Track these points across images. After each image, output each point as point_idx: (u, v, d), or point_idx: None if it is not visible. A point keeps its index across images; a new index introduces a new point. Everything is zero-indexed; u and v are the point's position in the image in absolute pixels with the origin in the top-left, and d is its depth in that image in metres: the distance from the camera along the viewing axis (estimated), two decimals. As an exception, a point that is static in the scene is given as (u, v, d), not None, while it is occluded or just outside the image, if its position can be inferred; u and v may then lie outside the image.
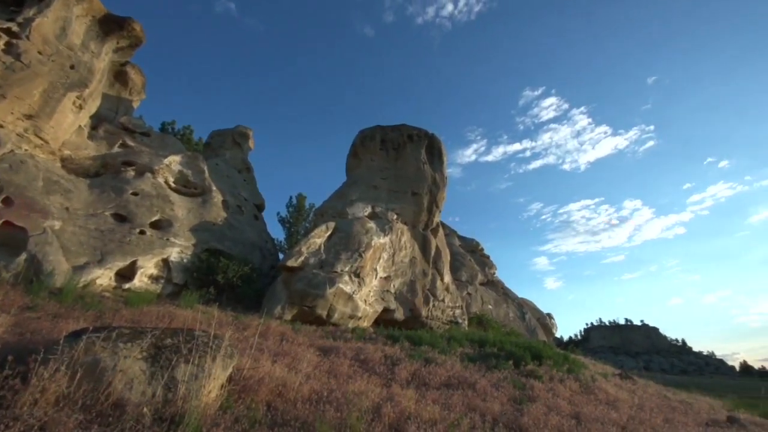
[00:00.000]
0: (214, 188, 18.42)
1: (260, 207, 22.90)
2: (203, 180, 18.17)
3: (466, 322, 21.01)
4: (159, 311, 9.42)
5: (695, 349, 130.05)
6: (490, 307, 28.61)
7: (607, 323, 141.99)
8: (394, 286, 17.53)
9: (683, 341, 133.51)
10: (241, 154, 24.57)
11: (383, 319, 16.81)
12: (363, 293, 15.49)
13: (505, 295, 32.64)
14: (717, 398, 14.81)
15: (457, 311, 20.31)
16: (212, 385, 4.57)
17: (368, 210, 18.55)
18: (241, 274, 14.74)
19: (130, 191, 14.51)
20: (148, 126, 19.30)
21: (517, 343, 13.72)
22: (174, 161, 17.34)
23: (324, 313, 14.11)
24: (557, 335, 42.83)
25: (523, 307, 32.67)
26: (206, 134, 26.83)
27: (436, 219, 21.45)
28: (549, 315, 36.16)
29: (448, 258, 22.34)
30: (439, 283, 19.67)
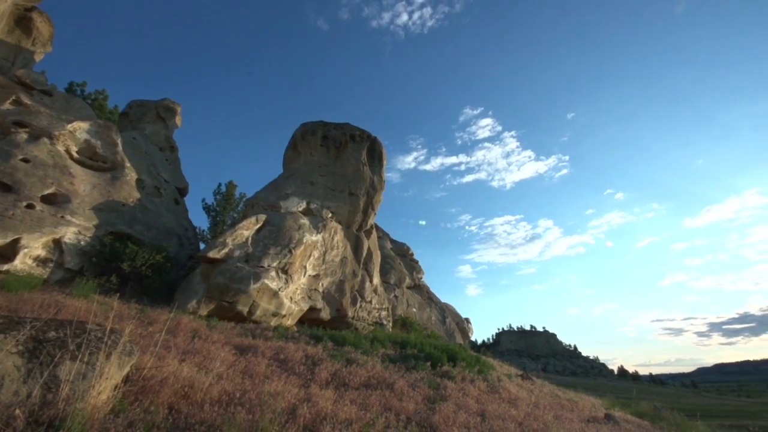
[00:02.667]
0: (127, 164, 16.46)
1: (183, 191, 21.02)
2: (115, 154, 16.14)
3: (391, 324, 21.49)
4: (44, 299, 8.15)
5: (584, 353, 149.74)
6: (414, 310, 29.62)
7: (516, 329, 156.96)
8: (322, 285, 17.28)
9: (575, 347, 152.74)
10: (165, 130, 22.33)
11: (308, 318, 16.47)
12: (290, 290, 15.01)
13: (430, 299, 34.09)
14: (598, 397, 17.01)
15: (383, 313, 20.69)
16: (104, 385, 4.06)
17: (303, 205, 18.07)
18: (151, 263, 13.37)
19: (20, 157, 12.34)
20: (51, 84, 16.62)
21: (435, 345, 14.37)
22: (80, 128, 15.13)
23: (245, 310, 13.38)
24: (473, 339, 45.91)
25: (445, 311, 34.42)
26: (125, 103, 23.89)
27: (371, 221, 21.66)
28: (467, 320, 38.60)
29: (379, 260, 22.68)
30: (368, 284, 19.85)
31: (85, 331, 4.41)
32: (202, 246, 19.62)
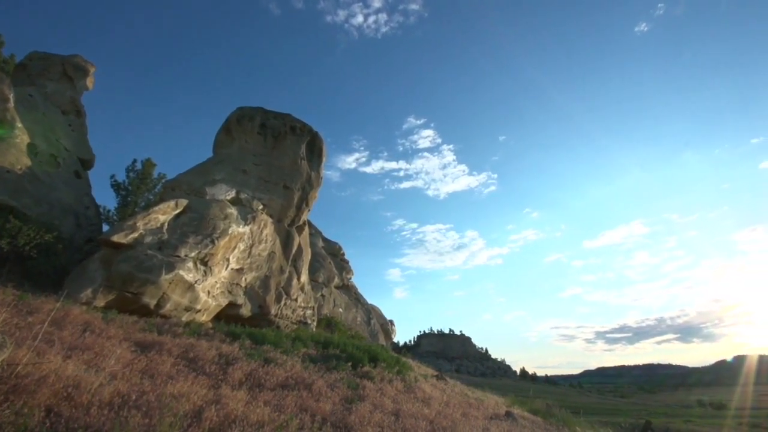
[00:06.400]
0: (18, 125, 13.99)
1: (87, 163, 18.46)
2: (4, 111, 13.60)
3: (315, 323, 21.14)
4: None
5: (494, 356, 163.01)
6: (340, 310, 29.51)
7: (435, 332, 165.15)
8: (246, 279, 16.37)
9: (486, 349, 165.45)
10: (72, 91, 19.39)
11: (227, 315, 15.48)
12: (208, 284, 13.96)
13: (357, 300, 34.24)
14: (501, 396, 18.57)
15: (308, 312, 20.27)
16: (-43, 385, 3.38)
17: (232, 194, 16.96)
18: (38, 243, 11.49)
19: None
20: None
21: (358, 346, 14.46)
22: (-45, 74, 12.48)
23: (153, 303, 12.12)
24: (395, 340, 47.10)
25: (371, 312, 34.85)
26: (24, 54, 20.24)
27: (304, 217, 21.13)
28: (391, 321, 39.50)
29: (309, 258, 22.20)
30: (295, 281, 19.30)
31: (-64, 319, 3.63)
32: (105, 228, 17.37)
